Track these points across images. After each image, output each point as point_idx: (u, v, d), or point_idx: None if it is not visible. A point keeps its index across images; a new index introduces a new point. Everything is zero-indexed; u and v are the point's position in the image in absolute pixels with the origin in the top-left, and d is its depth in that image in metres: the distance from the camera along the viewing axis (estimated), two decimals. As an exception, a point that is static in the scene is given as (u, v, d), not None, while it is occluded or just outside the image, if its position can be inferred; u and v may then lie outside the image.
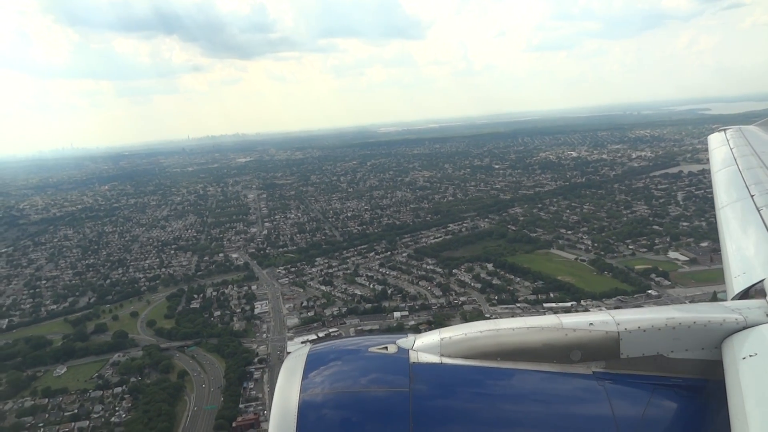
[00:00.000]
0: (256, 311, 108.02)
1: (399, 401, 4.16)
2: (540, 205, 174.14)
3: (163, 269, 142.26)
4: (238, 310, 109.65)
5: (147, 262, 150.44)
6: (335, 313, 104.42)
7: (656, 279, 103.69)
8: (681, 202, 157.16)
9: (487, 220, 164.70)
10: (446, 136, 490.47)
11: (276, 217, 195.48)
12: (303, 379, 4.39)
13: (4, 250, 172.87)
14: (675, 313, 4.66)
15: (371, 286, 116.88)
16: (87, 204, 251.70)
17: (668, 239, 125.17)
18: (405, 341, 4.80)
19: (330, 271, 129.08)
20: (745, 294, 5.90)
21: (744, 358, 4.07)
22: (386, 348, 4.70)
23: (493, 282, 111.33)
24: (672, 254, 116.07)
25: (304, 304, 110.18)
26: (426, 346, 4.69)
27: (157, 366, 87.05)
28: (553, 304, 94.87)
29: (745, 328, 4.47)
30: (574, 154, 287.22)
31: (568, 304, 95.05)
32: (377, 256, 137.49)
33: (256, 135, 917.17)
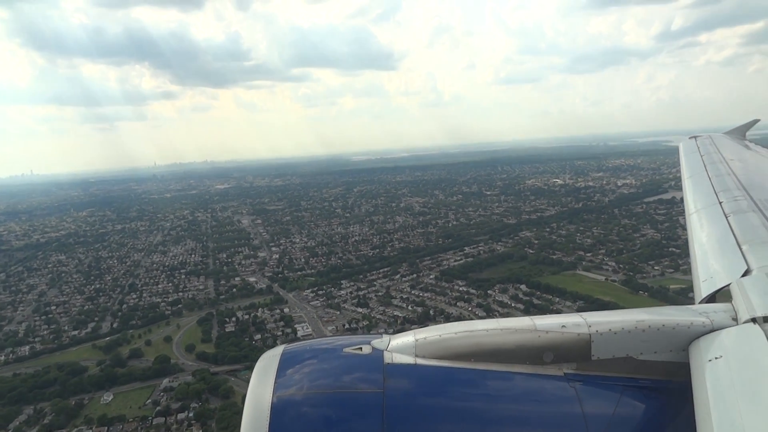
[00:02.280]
0: (299, 334, 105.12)
1: (372, 402, 4.18)
2: (548, 229, 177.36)
3: (180, 293, 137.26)
4: (279, 333, 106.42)
5: (160, 286, 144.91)
6: (382, 334, 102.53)
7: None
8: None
9: (500, 243, 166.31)
10: (424, 165, 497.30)
11: (281, 241, 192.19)
12: (276, 379, 4.38)
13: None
14: (645, 316, 4.81)
15: (409, 307, 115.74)
16: (70, 230, 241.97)
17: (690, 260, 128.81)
18: (380, 342, 4.85)
19: (360, 293, 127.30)
20: (712, 298, 6.11)
21: (710, 360, 4.21)
22: (361, 348, 4.72)
23: (534, 302, 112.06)
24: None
25: (347, 326, 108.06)
26: (400, 347, 4.74)
27: (216, 391, 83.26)
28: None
29: (711, 331, 4.62)
30: (560, 181, 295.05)
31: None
32: (404, 279, 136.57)
33: (226, 162, 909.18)
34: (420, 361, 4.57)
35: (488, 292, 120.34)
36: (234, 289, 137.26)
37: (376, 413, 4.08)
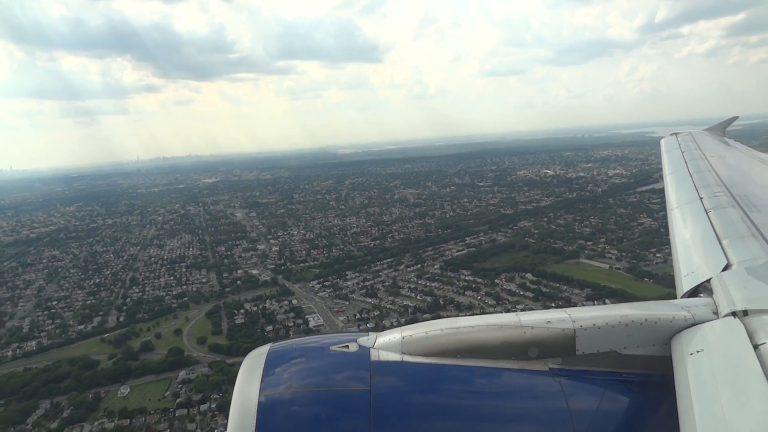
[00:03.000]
0: (311, 324, 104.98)
1: (359, 399, 4.22)
2: (546, 219, 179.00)
3: (184, 287, 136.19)
4: (291, 324, 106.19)
5: (162, 280, 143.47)
6: (395, 324, 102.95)
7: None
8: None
9: (500, 233, 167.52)
10: (412, 157, 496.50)
11: (278, 234, 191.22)
12: (263, 378, 4.38)
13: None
14: (628, 311, 4.89)
15: (418, 297, 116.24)
16: (60, 225, 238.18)
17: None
18: (366, 339, 4.89)
19: (366, 284, 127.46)
20: (694, 292, 6.19)
21: (692, 353, 4.29)
22: (347, 346, 4.76)
23: (543, 290, 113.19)
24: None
25: (358, 316, 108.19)
26: (387, 344, 4.77)
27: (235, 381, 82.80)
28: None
29: (693, 325, 4.71)
30: (551, 172, 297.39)
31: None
32: (409, 269, 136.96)
33: (210, 156, 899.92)
34: (406, 358, 4.59)
35: (495, 281, 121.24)
36: (238, 282, 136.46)
37: (364, 411, 4.10)
